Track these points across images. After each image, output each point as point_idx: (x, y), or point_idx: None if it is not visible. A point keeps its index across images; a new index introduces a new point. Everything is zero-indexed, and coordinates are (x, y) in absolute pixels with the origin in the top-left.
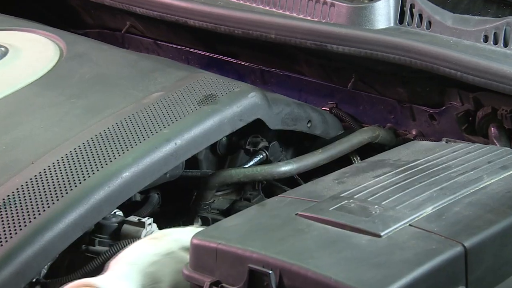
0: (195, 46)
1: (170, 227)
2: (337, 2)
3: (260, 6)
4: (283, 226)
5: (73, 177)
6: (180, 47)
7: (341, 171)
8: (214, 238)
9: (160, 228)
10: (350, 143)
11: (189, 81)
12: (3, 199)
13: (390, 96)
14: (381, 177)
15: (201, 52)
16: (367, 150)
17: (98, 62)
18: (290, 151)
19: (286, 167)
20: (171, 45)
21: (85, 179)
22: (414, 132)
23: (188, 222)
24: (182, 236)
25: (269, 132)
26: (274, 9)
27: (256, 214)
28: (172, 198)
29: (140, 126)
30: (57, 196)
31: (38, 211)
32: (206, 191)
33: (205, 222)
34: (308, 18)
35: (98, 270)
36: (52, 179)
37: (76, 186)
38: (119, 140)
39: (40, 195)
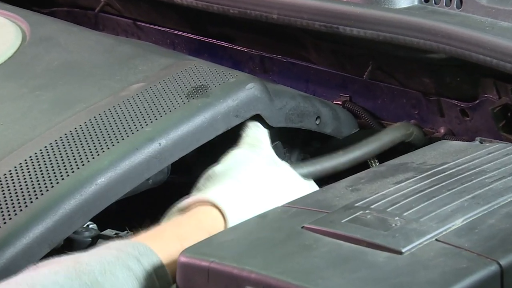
0: (183, 28)
1: None
2: None
3: None
4: (287, 241)
5: (39, 184)
6: (165, 29)
7: (356, 176)
8: (205, 256)
9: None
10: (381, 143)
11: (175, 70)
12: None
13: (414, 88)
14: (402, 184)
15: (189, 35)
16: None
17: (68, 47)
18: (296, 153)
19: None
20: (154, 26)
21: (52, 186)
22: (442, 130)
23: None
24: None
25: (271, 130)
26: None
27: (255, 227)
28: (158, 207)
29: (117, 123)
30: (20, 207)
31: None
32: None
33: None
34: None
35: None
36: (14, 186)
37: (42, 194)
38: (92, 140)
39: (0, 205)
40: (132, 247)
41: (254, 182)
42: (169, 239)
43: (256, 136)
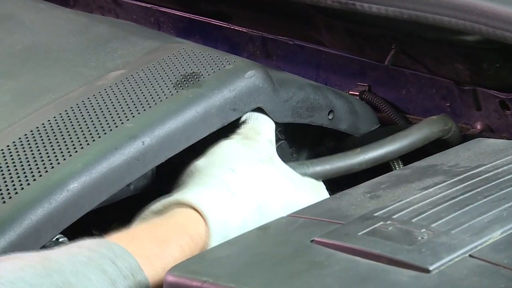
0: (170, 4)
1: None
2: None
3: None
4: (293, 257)
5: (0, 191)
6: (148, 5)
7: (375, 180)
8: (197, 275)
9: None
10: (413, 139)
11: (161, 55)
12: None
13: (445, 76)
14: (431, 190)
15: (178, 13)
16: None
17: (34, 27)
18: (304, 154)
19: (298, 170)
20: (136, 2)
21: (16, 193)
22: (479, 126)
23: None
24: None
25: (275, 126)
26: None
27: (255, 241)
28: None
29: (93, 118)
30: None
31: None
32: None
33: None
34: None
35: None
36: None
37: (4, 202)
38: (64, 138)
39: None
40: (107, 248)
41: (242, 182)
42: (147, 241)
43: (254, 127)
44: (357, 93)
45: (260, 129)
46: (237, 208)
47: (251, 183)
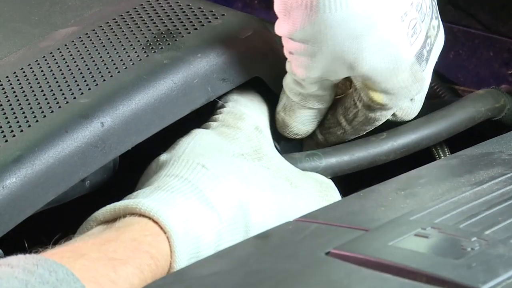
0: None
1: None
2: None
3: None
4: (303, 275)
5: None
6: None
7: (411, 174)
8: None
9: None
10: (452, 122)
11: (125, 7)
12: None
13: (506, 34)
14: (485, 186)
15: None
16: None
17: None
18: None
19: (307, 164)
20: None
21: None
22: None
23: None
24: None
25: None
26: None
27: (252, 254)
28: None
29: (36, 91)
30: None
31: None
32: None
33: None
34: None
35: None
36: None
37: None
38: None
39: None
40: (48, 270)
41: (216, 182)
42: (97, 261)
43: (233, 111)
44: None
45: (242, 114)
46: (209, 218)
47: (228, 184)
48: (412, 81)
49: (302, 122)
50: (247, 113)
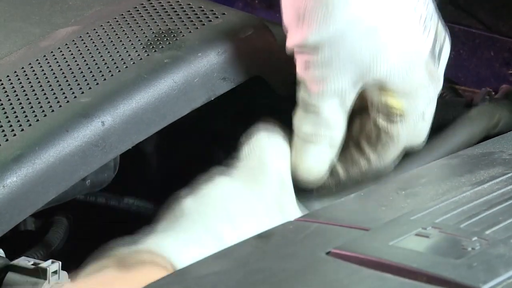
0: None
1: None
2: None
3: None
4: (304, 275)
5: None
6: None
7: (412, 173)
8: None
9: None
10: (451, 148)
11: (126, 6)
12: None
13: (506, 34)
14: (485, 185)
15: None
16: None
17: None
18: None
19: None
20: None
21: None
22: None
23: None
24: None
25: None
26: None
27: (252, 254)
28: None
29: (36, 90)
30: None
31: None
32: None
33: None
34: None
35: None
36: None
37: None
38: None
39: None
40: None
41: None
42: None
43: (258, 155)
44: None
45: (266, 158)
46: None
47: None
48: (429, 80)
49: (313, 159)
50: (270, 156)
